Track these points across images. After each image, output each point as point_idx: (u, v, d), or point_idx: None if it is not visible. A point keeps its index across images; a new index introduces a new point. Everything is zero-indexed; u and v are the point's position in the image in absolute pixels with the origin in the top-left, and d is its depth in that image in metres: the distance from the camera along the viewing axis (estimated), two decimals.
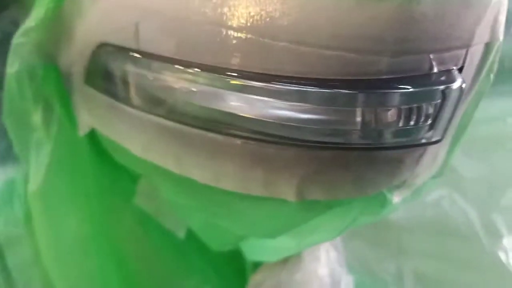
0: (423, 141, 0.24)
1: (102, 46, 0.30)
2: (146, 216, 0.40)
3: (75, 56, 0.33)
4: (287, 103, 0.22)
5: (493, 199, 0.47)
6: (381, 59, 0.21)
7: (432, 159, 0.26)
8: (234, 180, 0.25)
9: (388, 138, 0.23)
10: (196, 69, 0.24)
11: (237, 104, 0.23)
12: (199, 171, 0.27)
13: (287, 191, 0.25)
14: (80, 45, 0.32)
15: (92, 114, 0.34)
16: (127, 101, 0.29)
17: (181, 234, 0.40)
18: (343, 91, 0.22)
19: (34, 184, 0.37)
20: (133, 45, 0.27)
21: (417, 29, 0.21)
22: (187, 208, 0.32)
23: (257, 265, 0.43)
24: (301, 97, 0.22)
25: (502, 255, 0.45)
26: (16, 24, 0.50)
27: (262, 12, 0.22)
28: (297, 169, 0.24)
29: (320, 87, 0.22)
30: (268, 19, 0.22)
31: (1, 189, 0.45)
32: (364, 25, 0.21)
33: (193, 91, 0.25)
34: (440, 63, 0.22)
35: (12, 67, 0.34)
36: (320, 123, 0.23)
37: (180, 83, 0.25)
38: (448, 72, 0.22)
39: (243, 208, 0.28)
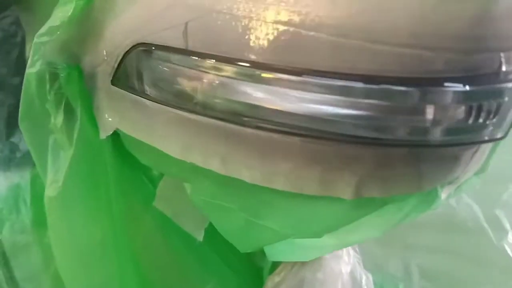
0: (486, 138, 0.24)
1: (139, 45, 0.29)
2: (164, 220, 0.39)
3: (102, 56, 0.32)
4: (352, 100, 0.22)
5: (495, 195, 0.49)
6: (457, 57, 0.21)
7: (481, 156, 0.27)
8: (288, 180, 0.25)
9: (454, 135, 0.23)
10: (254, 69, 0.24)
11: (299, 103, 0.23)
12: (248, 171, 0.26)
13: (344, 190, 0.25)
14: (111, 44, 0.31)
15: (120, 116, 0.33)
16: (167, 101, 0.28)
17: (200, 237, 0.40)
18: (415, 88, 0.22)
19: (53, 189, 0.35)
20: (180, 44, 0.26)
21: (493, 28, 0.21)
22: (223, 209, 0.31)
23: (274, 266, 0.43)
24: (367, 95, 0.22)
25: (508, 249, 0.46)
26: (17, 25, 0.48)
27: (335, 11, 0.22)
28: (357, 167, 0.24)
29: (391, 84, 0.22)
30: (340, 18, 0.22)
31: (6, 195, 0.44)
32: (445, 24, 0.21)
33: (250, 90, 0.24)
34: (508, 61, 0.22)
35: (33, 67, 0.33)
36: (387, 121, 0.23)
37: (234, 82, 0.25)
38: None
39: (291, 207, 0.27)
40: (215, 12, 0.25)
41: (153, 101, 0.29)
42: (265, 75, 0.24)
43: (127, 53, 0.30)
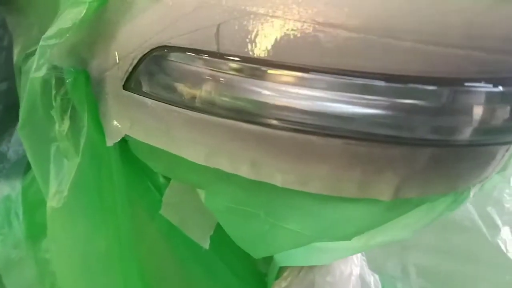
0: None
1: (161, 48, 0.28)
2: (170, 228, 0.38)
3: (113, 59, 0.31)
4: (399, 101, 0.22)
5: (486, 192, 0.50)
6: (507, 58, 0.22)
7: (509, 155, 0.27)
8: (325, 182, 0.25)
9: (494, 134, 0.24)
10: (296, 72, 0.23)
11: (343, 105, 0.23)
12: (281, 175, 0.26)
13: (384, 191, 0.25)
14: (125, 47, 0.30)
15: (132, 122, 0.31)
16: (192, 106, 0.27)
17: (206, 244, 0.39)
18: (463, 88, 0.22)
19: (57, 200, 0.34)
20: (211, 47, 0.25)
21: None
22: (245, 215, 0.31)
23: (280, 271, 0.43)
24: (417, 96, 0.22)
25: (502, 245, 0.48)
26: (3, 28, 0.45)
27: (385, 12, 0.22)
28: (400, 167, 0.24)
29: (440, 85, 0.22)
30: (391, 19, 0.22)
31: None
32: (499, 25, 0.21)
33: (291, 93, 0.24)
34: None
35: (39, 71, 0.31)
36: (433, 121, 0.23)
37: (271, 85, 0.24)
38: None
39: (323, 210, 0.27)
40: (252, 14, 0.24)
41: (175, 106, 0.28)
42: (308, 77, 0.23)
43: (145, 56, 0.29)
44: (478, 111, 0.22)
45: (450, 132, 0.23)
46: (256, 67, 0.24)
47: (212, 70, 0.26)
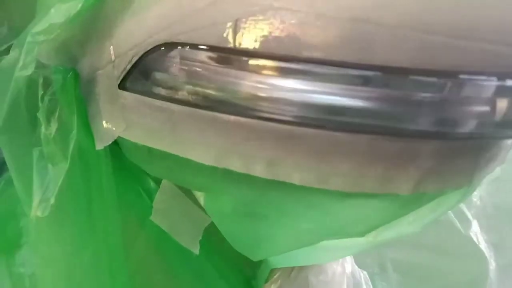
0: None
1: (167, 45, 0.26)
2: (160, 236, 0.36)
3: (107, 57, 0.29)
4: (425, 95, 0.23)
5: None
6: None
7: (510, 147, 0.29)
8: (347, 179, 0.25)
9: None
10: (319, 66, 0.23)
11: (369, 101, 0.23)
12: (300, 173, 0.25)
13: (404, 185, 0.24)
14: (124, 44, 0.28)
15: (128, 123, 0.30)
16: (202, 105, 0.26)
17: (196, 250, 0.38)
18: (490, 83, 0.22)
19: (42, 208, 0.31)
20: (226, 43, 0.24)
21: None
22: (250, 216, 0.30)
23: (270, 274, 0.42)
24: (440, 89, 0.22)
25: (474, 238, 0.50)
26: None
27: (417, 6, 0.22)
28: (423, 162, 0.24)
29: (468, 78, 0.22)
30: (423, 13, 0.22)
31: None
32: None
33: (314, 90, 0.23)
34: None
35: (25, 69, 0.29)
36: (456, 114, 0.23)
37: (293, 82, 0.24)
38: None
39: (341, 207, 0.27)
40: (272, 9, 0.23)
41: (183, 106, 0.27)
42: (334, 72, 0.23)
43: (148, 52, 0.27)
44: (502, 106, 0.23)
45: (471, 126, 0.24)
46: (277, 64, 0.24)
47: (227, 67, 0.25)
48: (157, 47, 0.27)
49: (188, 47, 0.26)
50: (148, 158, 0.32)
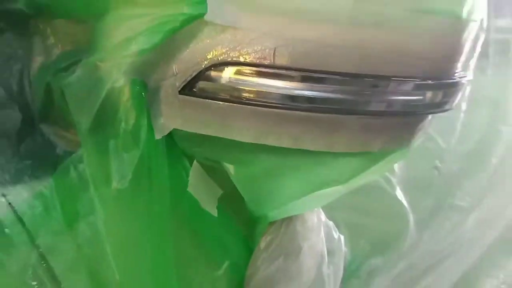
0: (446, 108, 0.44)
1: (221, 64, 0.40)
2: (193, 211, 0.49)
3: (170, 72, 0.42)
4: (403, 89, 0.41)
5: None
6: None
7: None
8: (346, 145, 0.41)
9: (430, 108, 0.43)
10: (331, 76, 0.39)
11: (361, 97, 0.39)
12: (313, 142, 0.41)
13: (376, 146, 0.42)
14: (186, 63, 0.41)
15: (185, 118, 0.43)
16: (248, 101, 0.40)
17: (215, 212, 0.51)
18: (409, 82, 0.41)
19: (122, 184, 0.43)
20: (267, 61, 0.39)
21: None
22: (270, 175, 0.44)
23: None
24: (398, 89, 0.40)
25: (400, 198, 0.68)
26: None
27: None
28: (391, 131, 0.42)
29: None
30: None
31: (33, 203, 0.47)
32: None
33: (317, 89, 0.39)
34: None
35: (117, 82, 0.41)
36: (415, 102, 0.41)
37: (305, 84, 0.39)
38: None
39: (338, 162, 0.43)
40: (304, 40, 0.38)
41: (233, 103, 0.41)
42: (339, 79, 0.39)
43: (207, 69, 0.41)
44: (434, 95, 0.41)
45: (424, 108, 0.41)
46: (301, 73, 0.39)
47: (264, 76, 0.39)
48: (214, 65, 0.40)
49: (239, 64, 0.40)
50: (198, 143, 0.45)
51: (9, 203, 0.44)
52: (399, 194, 0.69)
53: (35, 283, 0.44)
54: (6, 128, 0.48)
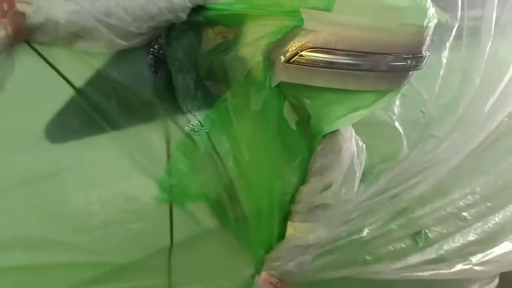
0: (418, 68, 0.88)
1: (308, 48, 0.84)
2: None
3: (283, 52, 0.85)
4: (377, 59, 0.85)
5: None
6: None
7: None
8: (368, 86, 0.86)
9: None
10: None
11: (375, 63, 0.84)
12: (353, 84, 0.86)
13: (382, 86, 0.88)
14: (291, 47, 0.84)
15: (290, 77, 0.87)
16: (325, 67, 0.84)
17: (293, 126, 0.96)
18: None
19: (255, 108, 0.88)
20: (332, 47, 0.82)
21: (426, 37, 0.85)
22: (333, 103, 0.90)
23: None
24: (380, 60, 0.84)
25: (398, 126, 1.11)
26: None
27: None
28: (385, 80, 0.87)
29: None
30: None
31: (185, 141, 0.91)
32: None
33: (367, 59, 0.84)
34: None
35: (257, 58, 0.85)
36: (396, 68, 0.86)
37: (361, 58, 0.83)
38: None
39: (364, 95, 0.88)
40: (348, 37, 0.82)
41: (312, 67, 0.84)
42: (364, 54, 0.83)
43: (301, 50, 0.84)
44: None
45: (404, 67, 0.86)
46: (347, 52, 0.83)
47: (330, 53, 0.83)
48: (304, 48, 0.84)
49: (316, 48, 0.83)
50: (291, 87, 0.89)
51: (199, 121, 0.89)
52: (398, 125, 1.13)
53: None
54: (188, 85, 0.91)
